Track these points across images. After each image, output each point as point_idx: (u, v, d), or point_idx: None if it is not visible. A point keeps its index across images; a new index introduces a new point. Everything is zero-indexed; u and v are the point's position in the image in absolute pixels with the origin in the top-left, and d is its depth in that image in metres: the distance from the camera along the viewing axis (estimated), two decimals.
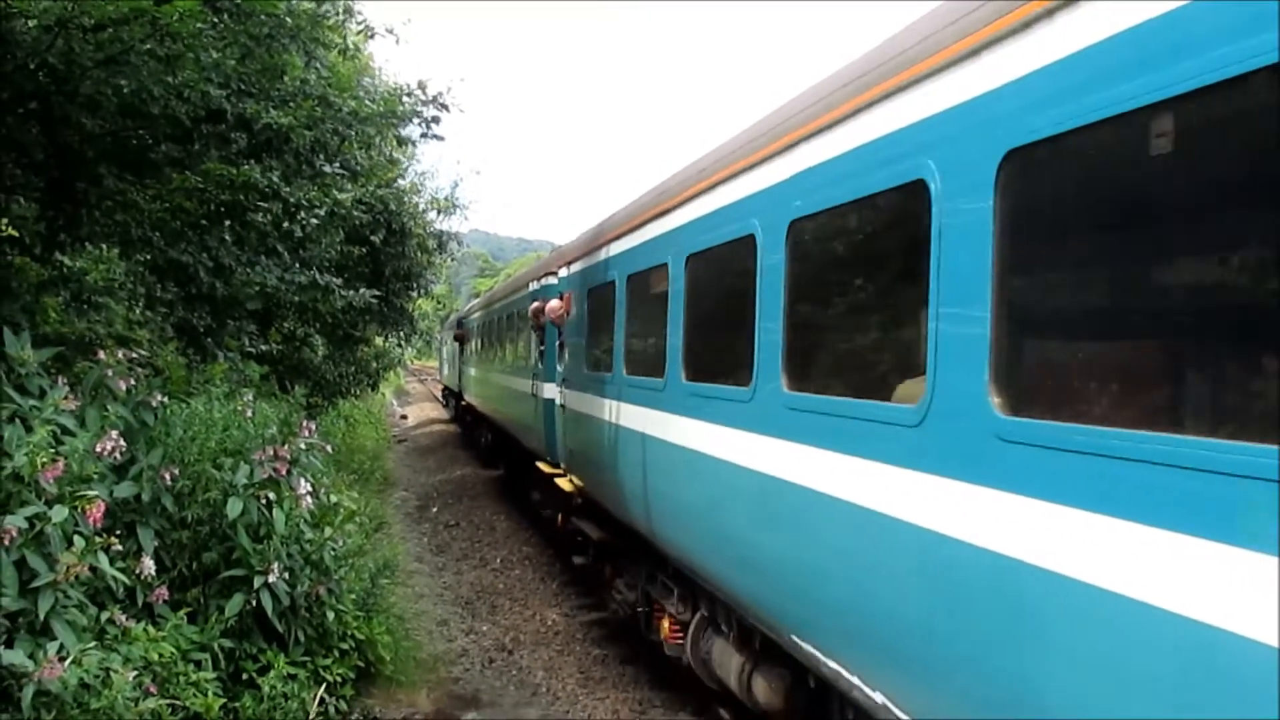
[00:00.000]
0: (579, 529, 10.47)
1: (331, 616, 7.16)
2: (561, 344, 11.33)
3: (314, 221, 10.78)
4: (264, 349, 15.20)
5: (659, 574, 7.98)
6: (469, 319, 27.25)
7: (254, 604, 6.52)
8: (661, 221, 7.41)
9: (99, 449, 5.81)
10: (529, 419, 13.60)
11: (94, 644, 5.19)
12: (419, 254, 19.63)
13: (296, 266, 12.07)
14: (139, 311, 11.68)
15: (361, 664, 7.47)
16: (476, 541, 15.07)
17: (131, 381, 6.82)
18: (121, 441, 6.03)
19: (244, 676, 6.47)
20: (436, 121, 11.09)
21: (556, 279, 12.08)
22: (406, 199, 18.75)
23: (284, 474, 7.15)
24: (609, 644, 9.99)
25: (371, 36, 11.52)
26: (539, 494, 14.01)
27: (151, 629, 5.80)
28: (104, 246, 10.56)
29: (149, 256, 10.37)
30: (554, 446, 11.62)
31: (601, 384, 9.09)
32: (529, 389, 13.55)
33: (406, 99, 10.65)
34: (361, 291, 13.75)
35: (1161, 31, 2.73)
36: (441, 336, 44.77)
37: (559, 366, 11.43)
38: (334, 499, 8.28)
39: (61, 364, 7.05)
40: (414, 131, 11.66)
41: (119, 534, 5.77)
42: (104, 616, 5.56)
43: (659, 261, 7.30)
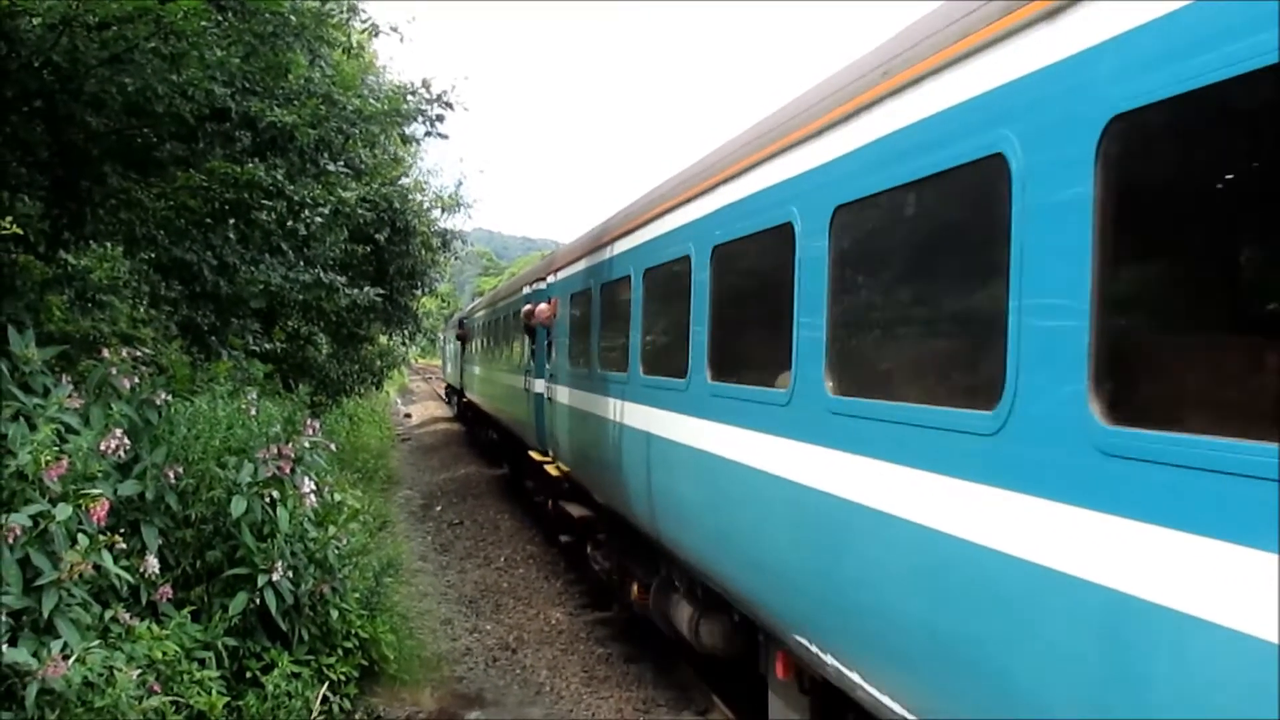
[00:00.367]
0: (565, 511, 11.43)
1: (335, 615, 7.16)
2: (550, 343, 12.42)
3: (318, 220, 10.78)
4: (268, 347, 15.20)
5: (630, 547, 8.94)
6: (470, 319, 28.35)
7: (258, 602, 6.52)
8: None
9: (103, 447, 5.81)
10: (521, 413, 14.71)
11: (98, 642, 5.18)
12: (423, 252, 19.61)
13: (301, 265, 12.07)
14: (143, 310, 11.67)
15: (365, 663, 7.46)
16: (480, 540, 15.06)
17: (136, 380, 6.82)
18: (125, 440, 6.03)
19: (248, 675, 6.47)
20: (440, 120, 11.12)
21: (545, 284, 13.15)
22: (411, 197, 18.73)
23: (288, 472, 7.15)
24: (613, 643, 9.97)
25: (376, 35, 11.46)
26: (532, 482, 15.17)
27: (155, 627, 5.79)
28: (108, 245, 10.56)
29: (153, 255, 10.38)
30: (543, 436, 12.69)
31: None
32: (522, 385, 14.67)
33: (410, 97, 10.66)
34: (366, 290, 13.75)
35: None
36: (444, 335, 45.26)
37: (547, 364, 12.49)
38: (338, 497, 8.28)
39: (66, 362, 7.04)
40: (418, 130, 11.68)
41: (123, 532, 5.77)
42: (108, 615, 5.55)
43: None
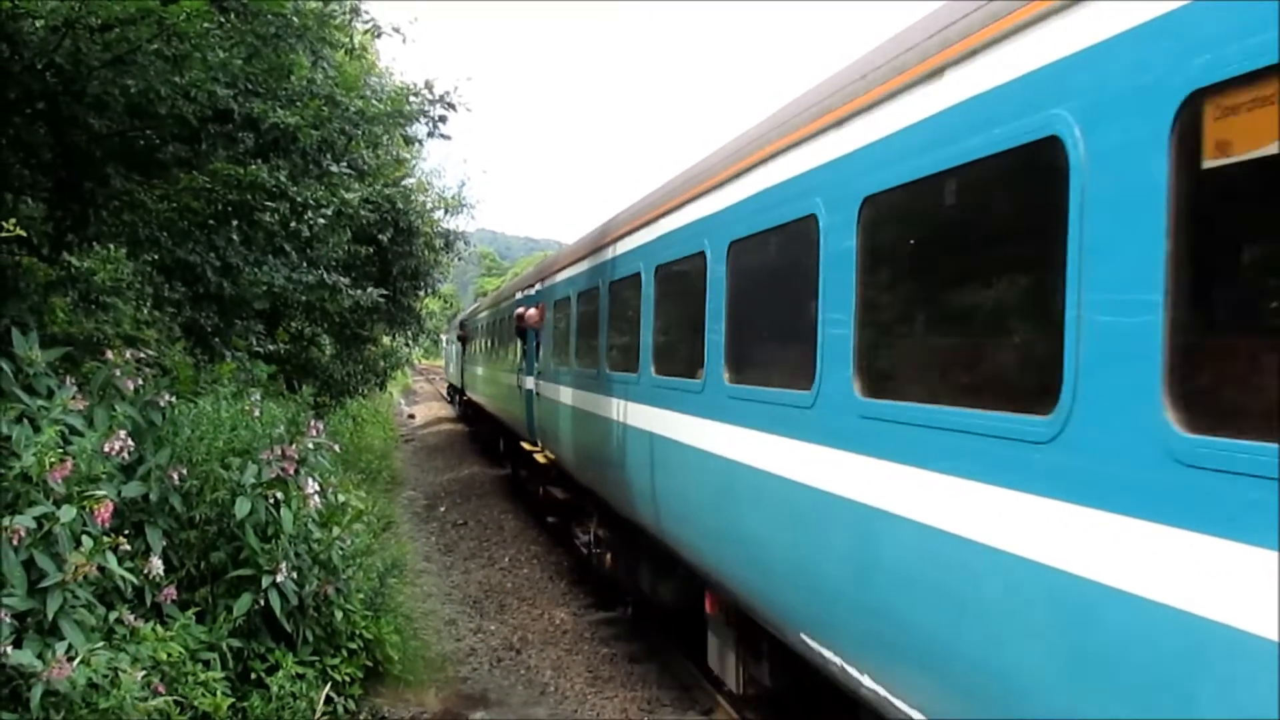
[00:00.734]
0: (551, 495, 13.18)
1: (339, 616, 7.16)
2: (538, 344, 13.67)
3: (321, 221, 10.76)
4: (271, 348, 15.19)
5: (605, 524, 10.37)
6: (470, 321, 29.55)
7: (262, 603, 6.52)
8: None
9: (107, 449, 5.80)
10: (515, 408, 16.13)
11: (102, 644, 5.19)
12: (426, 253, 19.60)
13: (304, 266, 12.06)
14: (147, 311, 11.68)
15: (369, 663, 7.46)
16: (484, 541, 15.07)
17: (139, 381, 6.81)
18: (129, 441, 6.02)
19: (252, 676, 6.47)
20: (443, 121, 11.09)
21: (535, 290, 14.39)
22: (414, 198, 18.72)
23: (292, 473, 7.15)
24: (617, 643, 9.97)
25: (378, 36, 11.43)
26: (525, 472, 16.66)
27: (160, 629, 5.80)
28: (112, 246, 10.57)
29: (157, 256, 10.38)
30: (532, 428, 14.08)
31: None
32: (515, 382, 16.00)
33: (413, 98, 10.64)
34: (369, 291, 13.74)
35: None
36: (447, 337, 45.76)
37: (535, 363, 13.71)
38: (342, 498, 8.28)
39: (69, 364, 7.05)
40: (420, 131, 11.67)
41: (127, 534, 5.76)
42: (112, 616, 5.56)
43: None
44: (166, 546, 6.36)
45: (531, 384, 13.97)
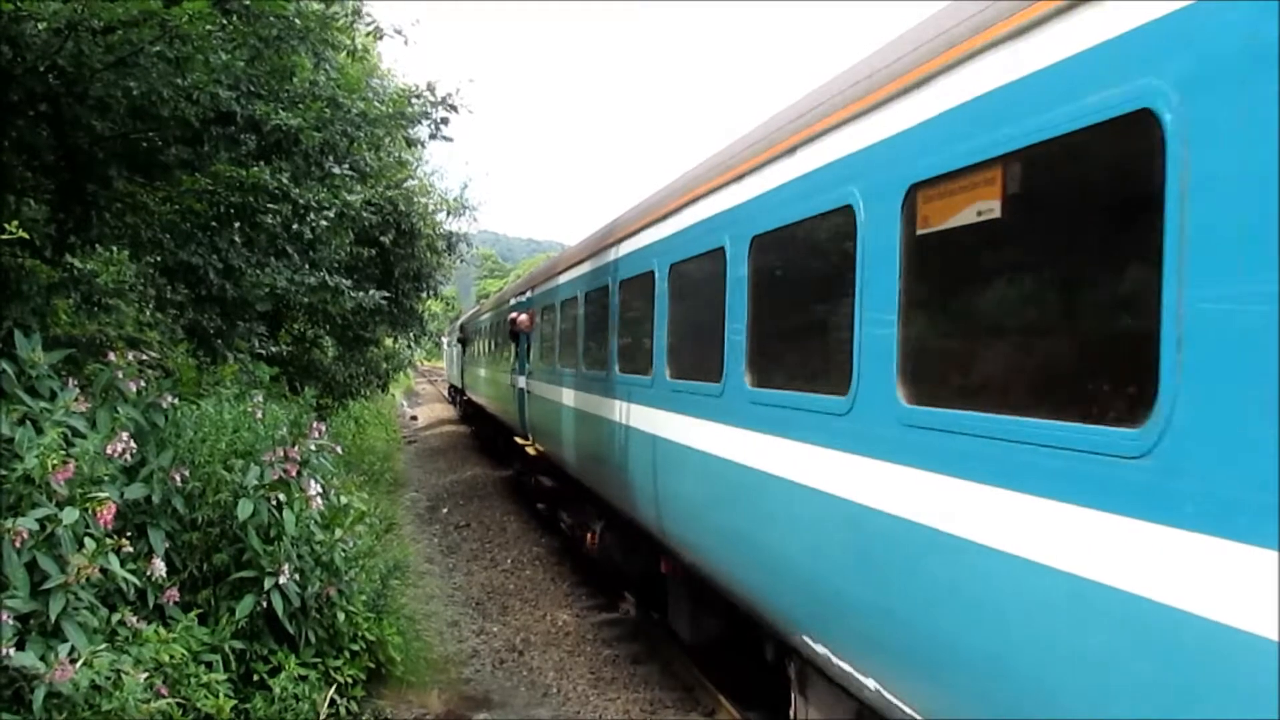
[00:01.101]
0: (541, 483, 14.67)
1: (342, 617, 7.15)
2: (528, 346, 15.01)
3: (323, 223, 10.77)
4: (274, 350, 15.21)
5: (587, 509, 11.47)
6: (470, 324, 30.66)
7: (265, 605, 6.51)
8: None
9: (109, 450, 5.80)
10: (509, 405, 17.51)
11: (105, 645, 5.18)
12: (428, 255, 19.61)
13: (306, 268, 12.05)
14: (149, 313, 11.69)
15: (372, 665, 7.46)
16: (487, 542, 15.06)
17: (142, 383, 6.82)
18: (132, 443, 6.02)
19: (255, 678, 6.46)
20: (445, 123, 11.10)
21: (526, 297, 15.76)
22: (416, 200, 18.74)
23: (294, 475, 7.15)
24: (620, 644, 9.96)
25: (380, 38, 11.45)
26: (519, 463, 17.90)
27: (162, 630, 5.79)
28: (114, 248, 10.57)
29: (159, 258, 10.37)
30: (524, 423, 15.36)
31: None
32: (509, 382, 17.34)
33: (415, 100, 10.65)
34: (371, 293, 13.73)
35: None
36: (448, 339, 46.22)
37: (527, 364, 15.00)
38: (344, 500, 8.28)
39: (72, 366, 7.05)
40: (423, 132, 11.67)
41: (130, 535, 5.77)
42: (115, 618, 5.55)
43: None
44: (169, 548, 6.35)
45: (523, 383, 15.31)
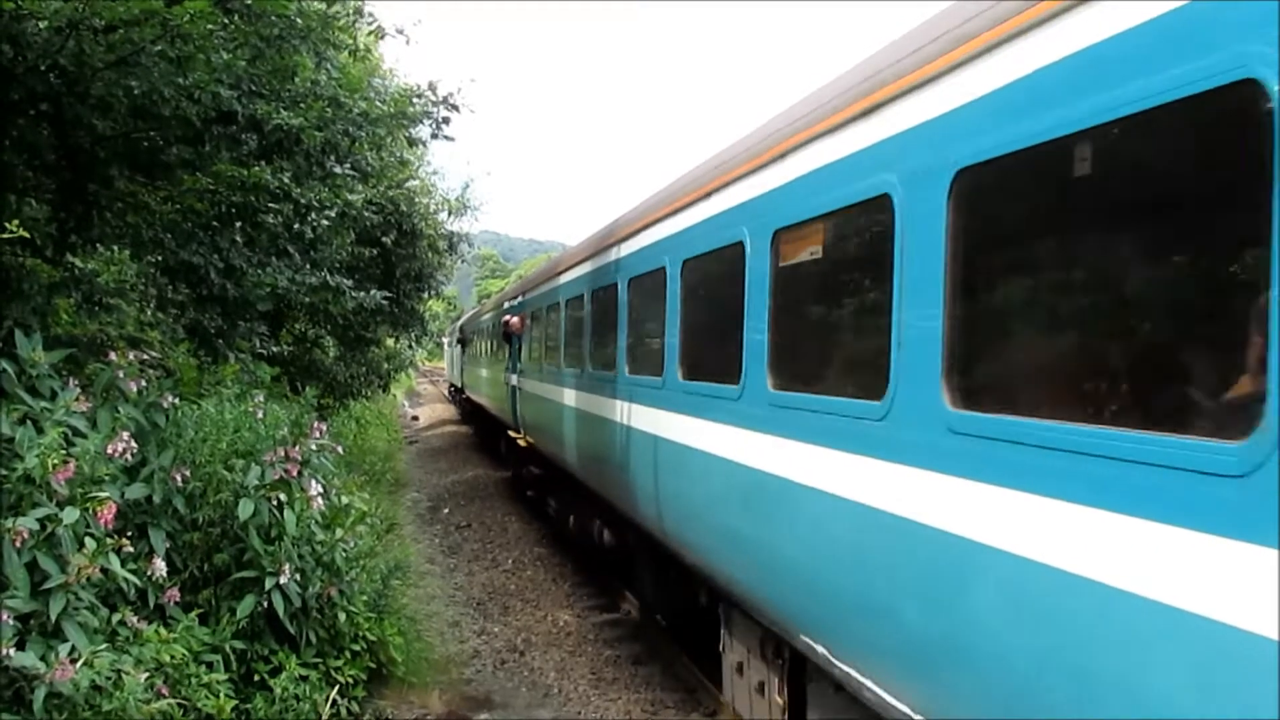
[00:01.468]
0: (530, 472, 16.47)
1: (343, 618, 7.14)
2: (519, 347, 16.38)
3: (325, 223, 10.76)
4: (275, 350, 15.20)
5: (569, 497, 12.70)
6: (469, 325, 31.95)
7: (265, 605, 6.50)
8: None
9: (110, 450, 5.79)
10: (502, 401, 18.92)
11: (105, 646, 5.18)
12: (430, 255, 19.62)
13: (307, 268, 12.05)
14: (150, 313, 11.68)
15: (373, 665, 7.45)
16: (488, 543, 15.06)
17: (143, 383, 6.81)
18: (133, 443, 6.01)
19: (256, 678, 6.45)
20: (447, 122, 11.07)
21: (518, 301, 17.02)
22: (417, 200, 18.74)
23: (295, 475, 7.14)
24: (621, 645, 9.95)
25: (382, 37, 11.45)
26: (506, 446, 19.46)
27: (163, 630, 5.78)
28: (115, 248, 10.56)
29: (160, 258, 10.36)
30: (515, 417, 16.71)
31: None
32: (503, 380, 18.60)
33: (417, 100, 10.63)
34: (372, 293, 13.73)
35: None
36: (448, 340, 46.92)
37: (518, 363, 16.42)
38: (345, 500, 8.27)
39: (73, 365, 7.04)
40: (424, 132, 11.65)
41: (130, 535, 5.76)
42: (115, 618, 5.54)
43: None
44: (170, 548, 6.34)
45: (515, 381, 16.63)
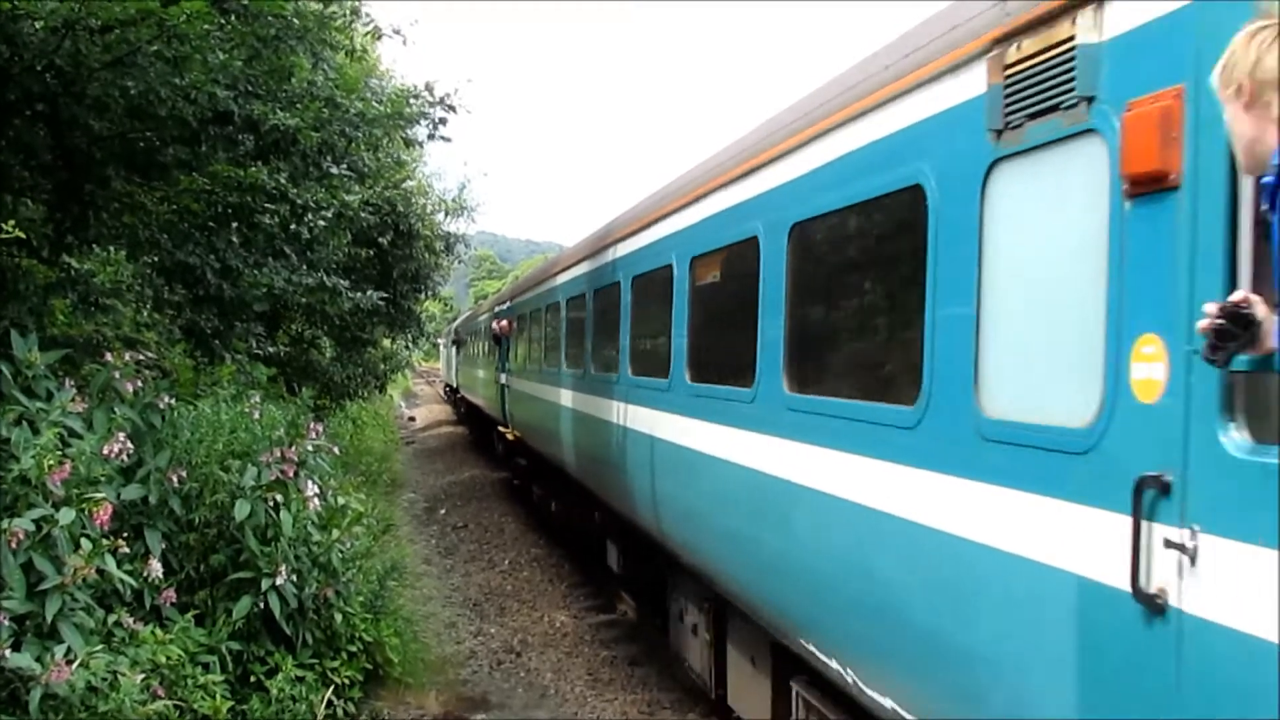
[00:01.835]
0: (518, 464, 18.04)
1: (339, 618, 7.14)
2: (507, 349, 18.12)
3: (321, 223, 10.76)
4: (271, 351, 15.18)
5: (553, 486, 13.88)
6: (465, 327, 33.04)
7: (262, 606, 6.50)
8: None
9: (106, 451, 5.78)
10: (493, 398, 20.39)
11: (101, 646, 5.17)
12: (427, 256, 19.62)
13: (304, 268, 12.02)
14: (147, 313, 11.67)
15: (370, 666, 7.45)
16: (485, 544, 15.05)
17: (139, 383, 6.80)
18: (129, 443, 6.01)
19: (252, 679, 6.45)
20: (444, 123, 11.08)
21: (507, 306, 18.51)
22: (414, 201, 18.74)
23: (291, 476, 7.13)
24: (617, 645, 9.95)
25: (379, 38, 11.44)
26: (506, 452, 20.12)
27: (159, 631, 5.78)
28: (112, 248, 10.55)
29: (156, 258, 10.36)
30: (504, 413, 18.15)
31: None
32: (494, 378, 20.02)
33: (414, 100, 10.63)
34: (369, 293, 13.71)
35: None
36: (443, 341, 47.52)
37: (507, 363, 17.92)
38: (342, 501, 8.26)
39: (69, 366, 7.03)
40: (421, 133, 11.65)
41: (126, 536, 5.76)
42: (111, 619, 5.54)
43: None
44: (166, 549, 6.34)
45: (504, 379, 18.10)
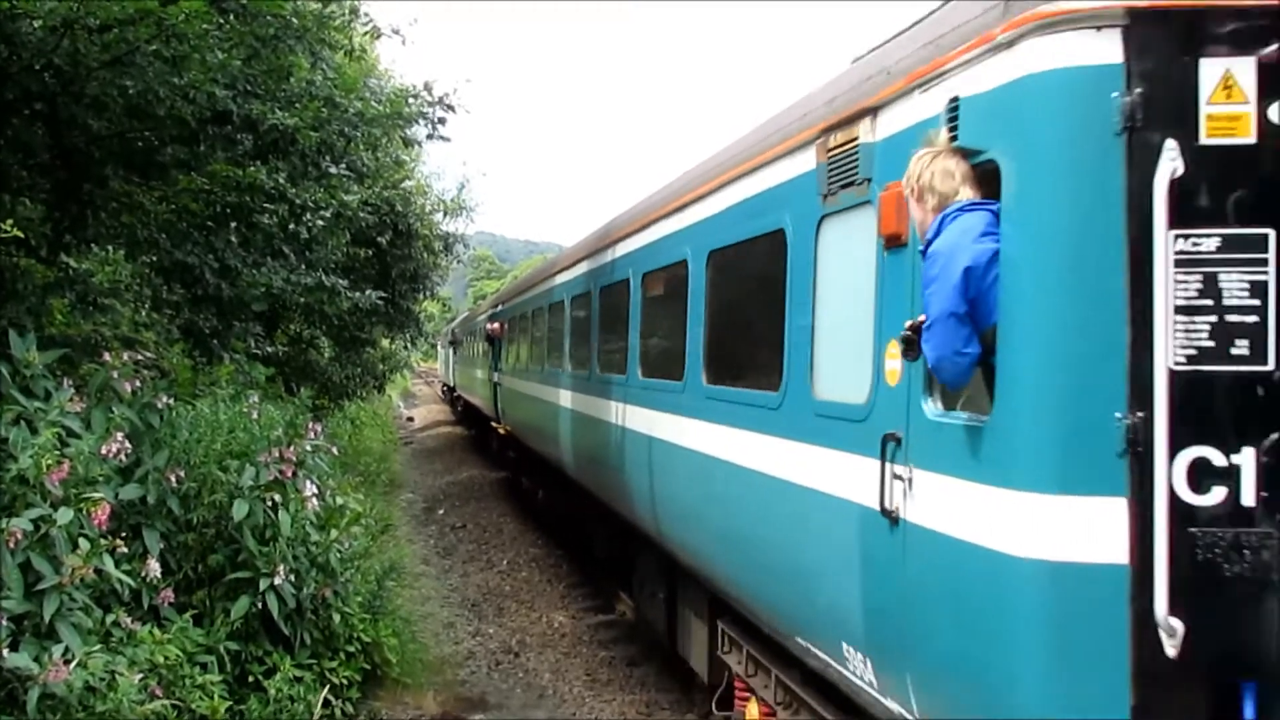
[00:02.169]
0: (508, 456, 19.63)
1: (338, 619, 7.14)
2: (499, 350, 19.21)
3: (320, 223, 10.76)
4: (270, 351, 15.17)
5: (541, 478, 14.88)
6: (461, 329, 33.95)
7: (260, 606, 6.49)
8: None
9: (105, 451, 5.77)
10: (486, 396, 21.69)
11: (99, 646, 5.17)
12: (425, 255, 19.63)
13: (303, 268, 12.02)
14: (145, 313, 11.67)
15: (368, 666, 7.44)
16: (483, 544, 15.05)
17: (137, 383, 6.79)
18: (127, 443, 6.00)
19: (250, 679, 6.45)
20: (443, 123, 11.06)
21: (500, 309, 19.75)
22: (413, 200, 18.74)
23: (290, 476, 7.13)
24: (616, 646, 9.95)
25: (378, 37, 11.42)
26: (496, 443, 21.76)
27: (157, 631, 5.77)
28: (110, 248, 10.55)
29: (155, 258, 10.35)
30: (496, 410, 19.40)
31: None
32: (487, 377, 21.16)
33: (412, 100, 10.62)
34: (368, 293, 13.71)
35: None
36: (441, 342, 47.92)
37: (500, 363, 19.02)
38: (340, 501, 8.25)
39: (67, 366, 7.02)
40: (420, 133, 11.65)
41: (125, 536, 5.75)
42: (109, 619, 5.52)
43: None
44: (164, 549, 6.33)
45: (496, 378, 19.40)
